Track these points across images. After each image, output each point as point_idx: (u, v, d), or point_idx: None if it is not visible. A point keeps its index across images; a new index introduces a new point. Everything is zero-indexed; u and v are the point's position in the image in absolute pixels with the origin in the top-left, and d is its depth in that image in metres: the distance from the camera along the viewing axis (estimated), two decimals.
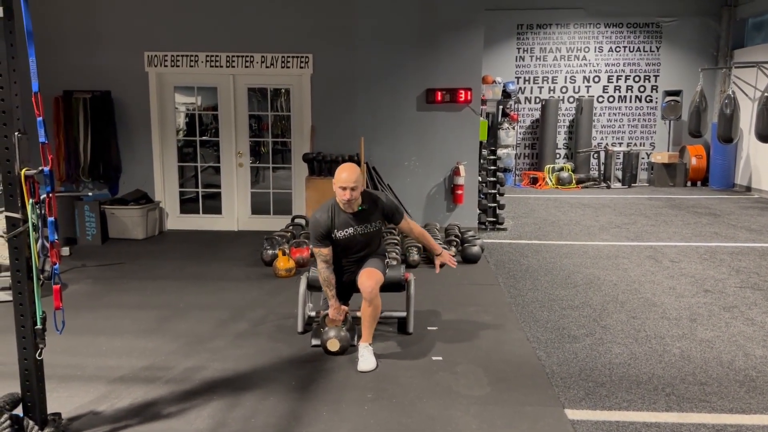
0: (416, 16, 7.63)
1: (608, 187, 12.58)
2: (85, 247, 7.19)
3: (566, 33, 13.05)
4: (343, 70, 7.72)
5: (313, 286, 4.53)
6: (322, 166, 7.40)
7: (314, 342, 4.23)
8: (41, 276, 2.90)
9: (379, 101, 7.76)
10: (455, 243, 6.75)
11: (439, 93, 7.69)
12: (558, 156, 13.41)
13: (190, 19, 7.71)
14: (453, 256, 6.56)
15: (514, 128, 13.00)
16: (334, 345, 4.05)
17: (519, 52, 13.18)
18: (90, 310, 5.00)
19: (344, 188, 3.87)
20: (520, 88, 13.27)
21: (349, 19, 7.65)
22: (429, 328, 4.60)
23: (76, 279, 5.88)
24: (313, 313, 4.69)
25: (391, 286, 4.52)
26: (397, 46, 7.68)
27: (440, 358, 4.04)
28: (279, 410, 3.35)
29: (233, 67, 7.73)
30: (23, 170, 2.80)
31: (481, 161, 8.57)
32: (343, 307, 4.16)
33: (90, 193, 7.77)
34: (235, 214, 8.07)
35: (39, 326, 2.92)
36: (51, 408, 3.27)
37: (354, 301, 4.32)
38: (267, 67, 7.71)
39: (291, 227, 7.08)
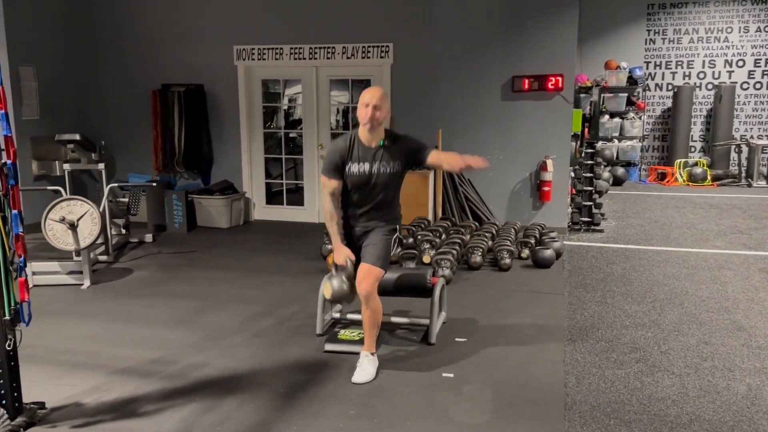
0: None
1: (749, 185, 11.06)
2: (171, 235, 7.51)
3: (705, 12, 11.62)
4: (423, 59, 7.38)
5: None
6: None
7: (328, 347, 4.01)
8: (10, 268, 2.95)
9: (461, 90, 7.32)
10: (529, 245, 6.19)
11: (527, 80, 7.09)
12: (692, 149, 12.03)
13: (275, 12, 7.75)
14: (525, 258, 6.10)
15: (640, 118, 11.85)
16: (327, 291, 3.70)
17: (649, 35, 11.96)
18: (139, 298, 5.16)
19: (366, 105, 3.48)
20: (649, 73, 12.05)
21: (430, 4, 7.28)
22: (457, 339, 4.20)
23: (144, 266, 6.12)
24: (338, 315, 4.49)
25: (415, 291, 4.21)
26: (481, 31, 7.18)
27: (451, 375, 3.65)
28: (252, 419, 3.17)
29: (316, 58, 7.67)
30: None
31: (578, 155, 7.85)
32: (348, 251, 3.69)
33: (185, 182, 8.13)
34: (316, 205, 8.04)
35: (7, 317, 2.96)
36: (46, 396, 3.37)
37: (355, 303, 4.04)
38: (348, 57, 7.56)
39: None
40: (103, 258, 6.26)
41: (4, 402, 3.04)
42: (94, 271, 5.84)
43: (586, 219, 7.55)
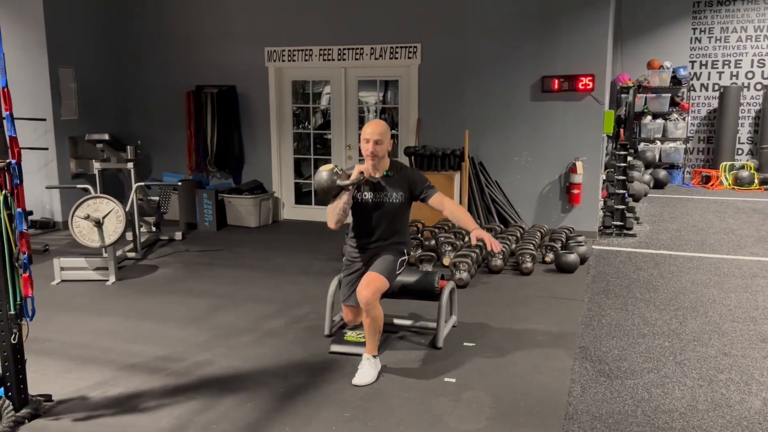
0: None
1: None
2: (201, 233, 7.65)
3: (755, 9, 11.16)
4: (451, 59, 7.31)
5: None
6: (422, 161, 7.09)
7: (333, 348, 4.01)
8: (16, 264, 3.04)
9: (490, 91, 7.23)
10: (553, 249, 6.06)
11: (556, 81, 6.94)
12: (739, 152, 11.58)
13: (305, 13, 7.80)
14: (549, 263, 5.98)
15: (684, 119, 11.47)
16: (325, 167, 3.69)
17: (695, 33, 11.56)
18: (159, 295, 5.27)
19: (367, 140, 3.59)
20: (694, 73, 11.65)
21: (458, 5, 7.20)
22: (465, 344, 4.14)
23: (169, 263, 6.25)
24: None
25: (424, 294, 4.17)
26: (511, 31, 7.07)
27: (453, 380, 3.60)
28: (247, 418, 3.19)
29: (344, 59, 7.69)
30: None
31: (612, 158, 7.65)
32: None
33: (217, 182, 8.27)
34: None
35: (13, 312, 3.06)
36: (56, 388, 3.47)
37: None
38: (376, 58, 7.55)
39: None
40: (132, 255, 6.42)
41: (9, 394, 3.14)
42: (121, 267, 6.01)
43: (618, 223, 7.34)
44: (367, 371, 3.59)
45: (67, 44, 7.72)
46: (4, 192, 2.96)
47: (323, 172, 3.66)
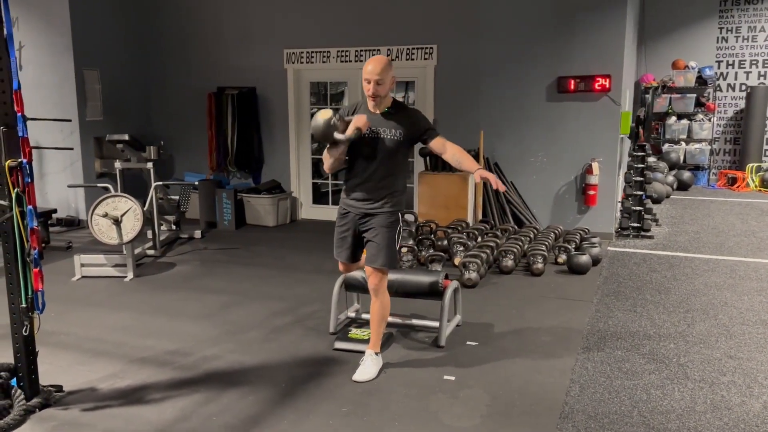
0: None
1: None
2: (220, 231, 7.79)
3: None
4: (467, 60, 7.33)
5: (351, 285, 4.40)
6: (437, 161, 7.12)
7: (337, 345, 4.08)
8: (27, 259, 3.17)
9: (505, 92, 7.23)
10: (566, 250, 6.04)
11: (572, 81, 6.92)
12: (766, 153, 11.34)
13: (323, 16, 7.90)
14: (561, 264, 5.97)
15: (710, 120, 11.29)
16: (323, 114, 3.47)
17: (721, 33, 11.37)
18: (174, 291, 5.40)
19: (368, 81, 3.47)
20: (720, 73, 11.46)
21: (475, 6, 7.22)
22: (468, 342, 4.17)
23: (187, 261, 6.39)
24: (353, 314, 4.55)
25: (427, 293, 4.22)
26: (527, 32, 7.06)
27: (452, 378, 3.64)
28: (247, 411, 3.28)
29: (361, 61, 7.76)
30: (7, 162, 3.07)
31: (630, 158, 7.59)
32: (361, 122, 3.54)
33: (237, 181, 8.42)
34: None
35: (24, 305, 3.19)
36: (68, 380, 3.60)
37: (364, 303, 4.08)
38: (392, 60, 7.60)
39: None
40: (151, 252, 6.58)
41: (21, 384, 3.27)
42: (140, 264, 6.17)
43: (635, 224, 7.28)
44: (368, 368, 3.65)
45: (93, 47, 7.93)
46: (16, 190, 3.09)
47: (320, 120, 3.43)
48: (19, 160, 3.07)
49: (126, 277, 5.74)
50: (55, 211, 7.33)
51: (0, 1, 2.98)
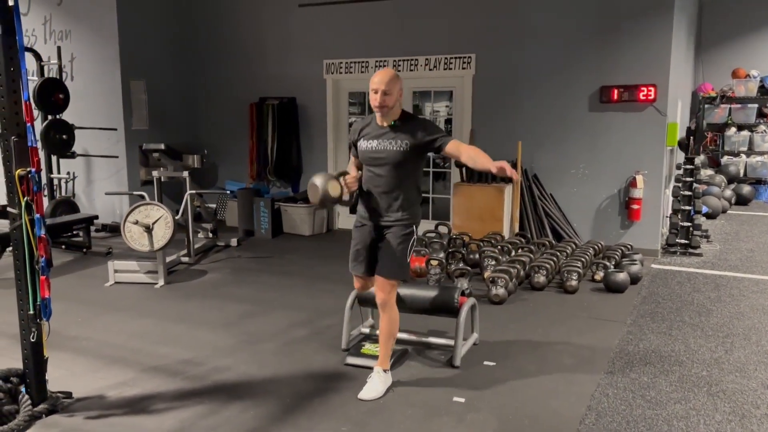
0: (592, 5, 6.70)
1: None
2: (257, 239, 7.85)
3: None
4: (506, 70, 7.16)
5: (364, 300, 4.30)
6: (472, 173, 6.96)
7: (349, 360, 4.00)
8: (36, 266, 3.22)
9: (545, 102, 7.01)
10: (605, 267, 5.78)
11: (616, 91, 6.65)
12: None
13: (362, 27, 7.88)
14: (598, 281, 5.72)
15: None
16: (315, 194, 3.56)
17: None
18: (200, 299, 5.44)
19: (375, 91, 3.44)
20: None
21: (514, 14, 7.05)
22: (486, 362, 4.01)
23: (219, 269, 6.44)
24: (367, 330, 4.46)
25: (443, 310, 4.09)
26: (568, 40, 6.84)
27: (462, 400, 3.49)
28: (247, 426, 3.23)
29: (399, 71, 7.68)
30: (18, 171, 3.13)
31: (679, 172, 7.24)
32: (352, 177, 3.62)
33: (276, 190, 8.47)
34: None
35: (32, 312, 3.24)
36: (80, 386, 3.64)
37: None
38: (430, 69, 7.51)
39: (428, 233, 6.80)
40: (185, 259, 6.66)
41: (28, 390, 3.32)
42: (173, 271, 6.25)
43: (683, 241, 6.92)
44: (375, 385, 3.55)
45: (139, 58, 8.15)
46: (26, 198, 3.14)
47: (317, 197, 3.55)
48: (29, 169, 3.12)
49: (157, 283, 5.82)
50: (96, 217, 7.53)
51: (13, 14, 3.04)
